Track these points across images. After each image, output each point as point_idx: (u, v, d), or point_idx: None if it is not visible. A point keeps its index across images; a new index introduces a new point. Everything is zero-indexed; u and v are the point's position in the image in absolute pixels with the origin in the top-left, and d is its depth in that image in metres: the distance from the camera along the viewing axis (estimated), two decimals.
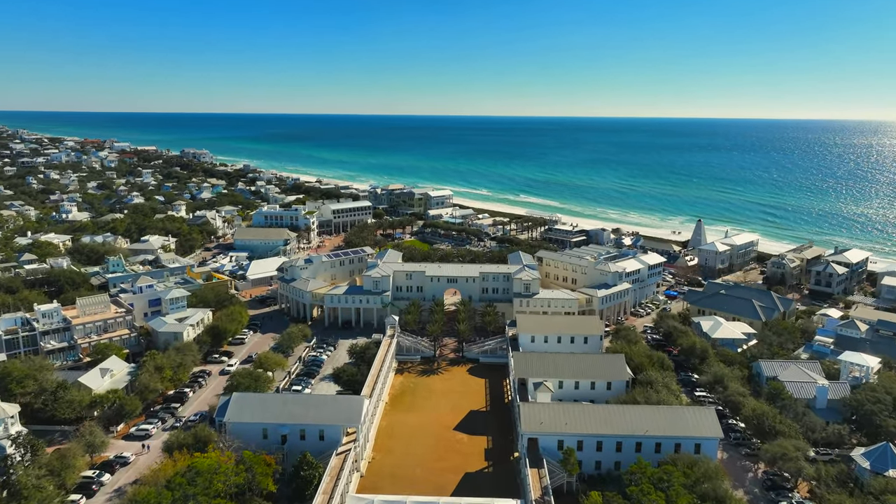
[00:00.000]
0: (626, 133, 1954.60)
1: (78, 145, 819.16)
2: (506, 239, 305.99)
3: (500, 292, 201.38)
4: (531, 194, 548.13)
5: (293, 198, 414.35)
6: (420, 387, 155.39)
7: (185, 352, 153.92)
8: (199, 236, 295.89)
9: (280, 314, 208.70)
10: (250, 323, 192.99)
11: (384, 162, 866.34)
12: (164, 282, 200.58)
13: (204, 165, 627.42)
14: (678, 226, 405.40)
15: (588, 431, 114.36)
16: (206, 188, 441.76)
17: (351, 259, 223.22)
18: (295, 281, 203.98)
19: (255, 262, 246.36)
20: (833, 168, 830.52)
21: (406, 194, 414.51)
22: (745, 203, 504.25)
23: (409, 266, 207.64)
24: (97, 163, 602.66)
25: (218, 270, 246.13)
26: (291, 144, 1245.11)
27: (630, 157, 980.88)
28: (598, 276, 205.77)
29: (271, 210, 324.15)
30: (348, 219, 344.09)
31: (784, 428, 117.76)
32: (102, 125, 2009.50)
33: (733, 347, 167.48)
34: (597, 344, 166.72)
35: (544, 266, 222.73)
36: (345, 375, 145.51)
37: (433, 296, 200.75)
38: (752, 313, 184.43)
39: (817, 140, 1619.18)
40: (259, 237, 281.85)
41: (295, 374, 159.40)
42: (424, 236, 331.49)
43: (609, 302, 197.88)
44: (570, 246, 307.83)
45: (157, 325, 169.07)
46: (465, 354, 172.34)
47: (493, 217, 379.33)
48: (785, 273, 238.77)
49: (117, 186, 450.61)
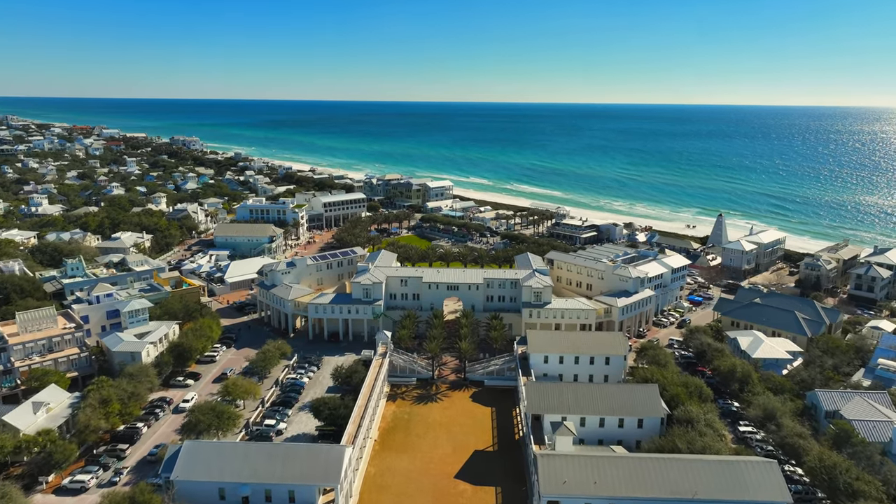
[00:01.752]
0: (626, 120, 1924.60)
1: (65, 132, 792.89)
2: (510, 235, 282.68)
3: (506, 301, 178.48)
4: (533, 184, 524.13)
5: (283, 189, 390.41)
6: (416, 418, 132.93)
7: (141, 378, 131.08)
8: (177, 232, 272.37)
9: (260, 324, 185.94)
10: (224, 336, 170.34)
11: (382, 149, 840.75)
12: (128, 288, 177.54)
13: (193, 153, 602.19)
14: (691, 219, 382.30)
15: (624, 494, 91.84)
16: (191, 178, 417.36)
17: (340, 261, 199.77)
18: (275, 287, 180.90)
19: (235, 262, 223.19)
20: (841, 156, 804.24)
21: (403, 185, 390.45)
22: (753, 193, 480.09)
23: (404, 271, 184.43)
24: (81, 151, 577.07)
25: (194, 272, 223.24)
26: (289, 131, 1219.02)
27: (631, 145, 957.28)
28: (616, 282, 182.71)
29: (257, 203, 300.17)
30: (341, 212, 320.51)
31: (864, 486, 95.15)
32: (97, 111, 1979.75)
33: (778, 369, 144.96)
34: (620, 365, 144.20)
35: (555, 269, 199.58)
36: (326, 409, 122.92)
37: (431, 305, 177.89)
38: (794, 327, 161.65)
39: (821, 127, 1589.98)
40: (242, 234, 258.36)
41: (270, 401, 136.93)
42: (423, 231, 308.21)
43: (630, 312, 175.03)
44: (579, 242, 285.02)
45: (112, 342, 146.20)
46: (468, 376, 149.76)
47: (496, 210, 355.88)
48: (820, 276, 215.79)
49: (98, 176, 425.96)
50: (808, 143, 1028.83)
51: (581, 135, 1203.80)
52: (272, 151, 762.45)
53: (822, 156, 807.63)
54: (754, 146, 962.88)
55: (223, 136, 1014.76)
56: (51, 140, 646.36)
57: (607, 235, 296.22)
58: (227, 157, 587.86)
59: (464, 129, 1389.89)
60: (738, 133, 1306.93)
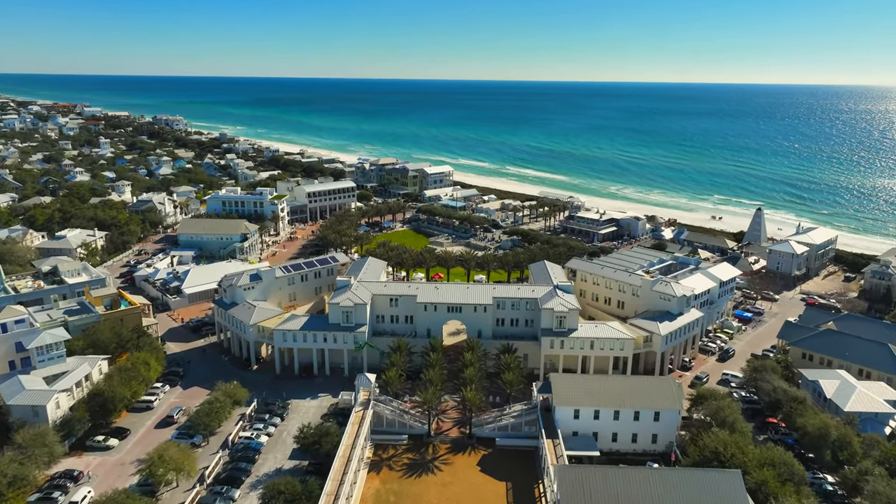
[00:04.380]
0: (627, 98, 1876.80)
1: (45, 110, 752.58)
2: (519, 231, 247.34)
3: (521, 324, 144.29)
4: (537, 167, 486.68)
5: (267, 174, 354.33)
6: (405, 500, 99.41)
7: (33, 450, 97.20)
8: (137, 228, 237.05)
9: (219, 350, 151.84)
10: (168, 371, 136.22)
11: (379, 129, 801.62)
12: (53, 309, 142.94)
13: (176, 134, 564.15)
14: (713, 208, 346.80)
15: None
16: (166, 163, 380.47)
17: (317, 272, 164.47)
18: (235, 307, 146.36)
19: (196, 268, 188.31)
20: (859, 137, 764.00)
21: (399, 171, 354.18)
22: (769, 179, 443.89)
23: (394, 288, 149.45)
24: (54, 130, 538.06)
25: (148, 279, 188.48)
26: (282, 110, 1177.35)
27: (633, 124, 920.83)
28: (655, 300, 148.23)
29: (231, 194, 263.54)
30: (327, 203, 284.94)
31: None
32: (89, 88, 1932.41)
33: (878, 427, 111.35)
34: (672, 422, 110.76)
35: (578, 281, 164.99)
36: (282, 497, 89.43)
37: (428, 330, 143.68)
38: (887, 363, 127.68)
39: (830, 106, 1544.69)
40: (210, 231, 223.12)
41: (212, 475, 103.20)
42: (419, 225, 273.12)
43: (674, 339, 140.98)
44: (597, 239, 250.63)
45: (11, 391, 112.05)
46: (475, 432, 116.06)
47: (501, 199, 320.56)
48: (892, 287, 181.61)
49: (64, 160, 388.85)
50: (813, 124, 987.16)
51: (583, 114, 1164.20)
52: (261, 131, 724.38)
53: (833, 137, 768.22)
54: (758, 126, 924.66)
55: (214, 115, 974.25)
56: (24, 119, 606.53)
57: (628, 231, 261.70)
58: (211, 137, 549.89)
59: (465, 107, 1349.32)
60: (740, 112, 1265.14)
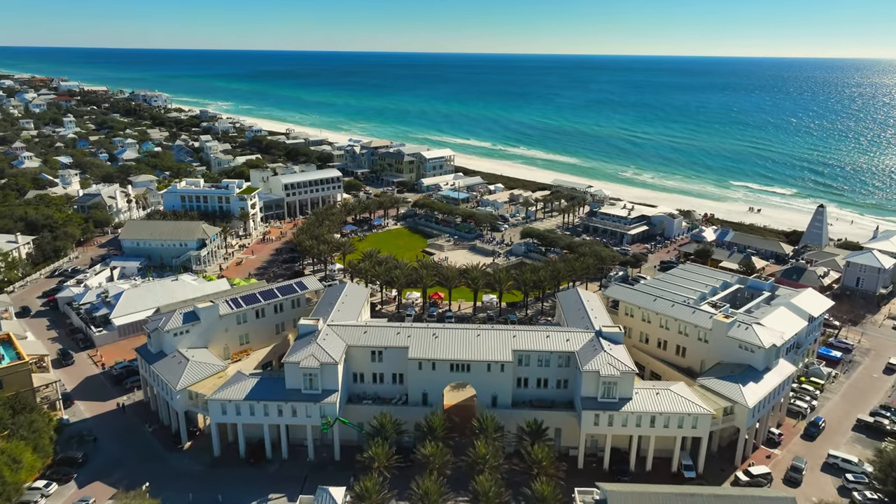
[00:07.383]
0: (633, 72, 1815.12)
1: (19, 84, 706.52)
2: (535, 233, 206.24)
3: (551, 386, 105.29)
4: (546, 149, 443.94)
5: (244, 159, 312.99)
6: None
7: None
8: (77, 231, 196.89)
9: (144, 413, 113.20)
10: (62, 457, 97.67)
11: (374, 105, 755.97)
12: None
13: (153, 111, 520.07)
14: (745, 198, 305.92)
15: None
16: (131, 146, 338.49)
17: (277, 304, 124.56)
18: (162, 360, 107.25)
19: (131, 290, 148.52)
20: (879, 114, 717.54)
21: (393, 155, 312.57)
22: (786, 160, 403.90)
23: (377, 336, 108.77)
24: (18, 107, 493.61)
25: (71, 303, 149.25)
26: (276, 84, 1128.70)
27: (642, 99, 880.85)
28: (730, 349, 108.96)
29: (190, 188, 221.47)
30: (308, 195, 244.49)
31: None
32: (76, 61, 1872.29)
33: None
34: None
35: (621, 315, 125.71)
36: None
37: (423, 395, 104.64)
38: None
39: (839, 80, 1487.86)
40: (159, 236, 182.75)
41: None
42: (416, 222, 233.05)
43: (763, 409, 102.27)
44: (627, 241, 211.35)
45: None
46: None
47: (510, 190, 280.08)
48: None
49: (17, 142, 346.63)
50: (830, 98, 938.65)
51: (589, 88, 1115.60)
52: (248, 107, 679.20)
53: (854, 112, 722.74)
54: (774, 100, 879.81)
55: (202, 90, 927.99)
56: None
57: (661, 230, 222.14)
58: (192, 115, 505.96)
59: (465, 81, 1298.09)
60: (752, 86, 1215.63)
